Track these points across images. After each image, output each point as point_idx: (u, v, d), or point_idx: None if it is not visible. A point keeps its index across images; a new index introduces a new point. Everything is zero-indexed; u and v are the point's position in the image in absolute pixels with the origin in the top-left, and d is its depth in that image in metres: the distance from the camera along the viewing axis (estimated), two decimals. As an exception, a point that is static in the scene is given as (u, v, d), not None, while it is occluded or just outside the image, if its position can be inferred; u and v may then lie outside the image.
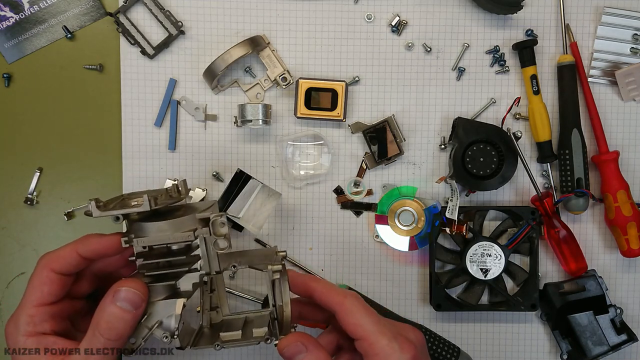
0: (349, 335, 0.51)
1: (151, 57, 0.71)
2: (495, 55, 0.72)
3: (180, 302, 0.51)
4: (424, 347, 0.54)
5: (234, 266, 0.55)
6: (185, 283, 0.55)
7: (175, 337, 0.51)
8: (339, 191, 0.73)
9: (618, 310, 0.72)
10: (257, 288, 0.73)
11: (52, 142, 0.72)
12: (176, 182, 0.60)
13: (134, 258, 0.53)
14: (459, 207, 0.69)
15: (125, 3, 0.70)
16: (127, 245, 0.52)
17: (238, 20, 0.71)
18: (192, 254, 0.56)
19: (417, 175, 0.73)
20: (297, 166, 0.72)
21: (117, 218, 0.52)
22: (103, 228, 0.66)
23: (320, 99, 0.70)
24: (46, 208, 0.72)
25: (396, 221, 0.72)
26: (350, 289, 0.72)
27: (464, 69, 0.72)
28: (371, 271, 0.74)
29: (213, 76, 0.68)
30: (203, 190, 0.71)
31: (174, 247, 0.54)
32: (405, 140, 0.72)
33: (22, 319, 0.51)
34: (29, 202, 0.72)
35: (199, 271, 0.56)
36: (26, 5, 0.70)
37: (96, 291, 0.58)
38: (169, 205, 0.55)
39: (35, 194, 0.72)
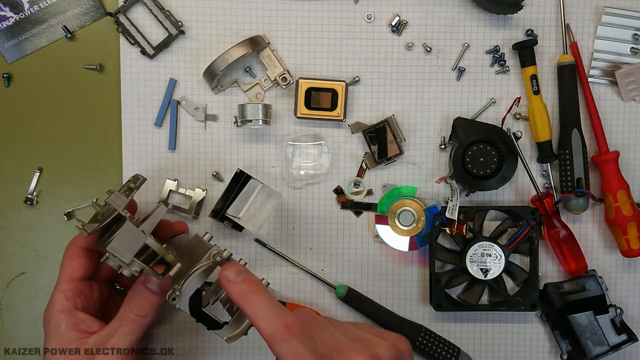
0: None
1: (151, 57, 0.71)
2: (495, 55, 0.72)
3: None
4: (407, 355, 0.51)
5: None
6: None
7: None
8: (339, 191, 0.73)
9: (618, 310, 0.72)
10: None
11: (52, 142, 0.72)
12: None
13: None
14: (459, 207, 0.69)
15: (125, 3, 0.70)
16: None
17: (238, 20, 0.71)
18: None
19: (417, 175, 0.73)
20: (297, 166, 0.72)
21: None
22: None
23: (320, 99, 0.70)
24: (46, 208, 0.72)
25: (396, 221, 0.72)
26: (350, 289, 0.72)
27: (464, 69, 0.72)
28: (371, 271, 0.74)
29: (213, 76, 0.68)
30: (203, 190, 0.71)
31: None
32: (405, 140, 0.72)
33: (56, 296, 0.59)
34: (29, 202, 0.72)
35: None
36: (26, 5, 0.70)
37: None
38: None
39: (35, 194, 0.72)
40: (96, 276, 0.64)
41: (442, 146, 0.73)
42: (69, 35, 0.70)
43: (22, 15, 0.70)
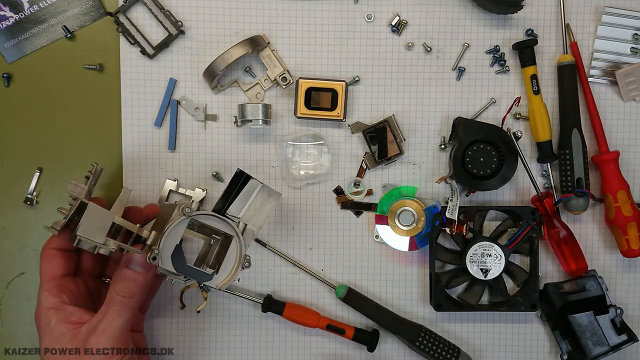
0: None
1: (151, 56, 0.71)
2: (495, 55, 0.72)
3: None
4: None
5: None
6: None
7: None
8: (339, 191, 0.73)
9: (618, 311, 0.72)
10: (257, 288, 0.73)
11: (52, 142, 0.72)
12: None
13: None
14: (459, 207, 0.69)
15: (125, 3, 0.70)
16: None
17: (238, 20, 0.71)
18: None
19: (417, 175, 0.73)
20: (297, 166, 0.72)
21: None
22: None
23: (320, 99, 0.70)
24: (46, 208, 0.72)
25: (396, 221, 0.72)
26: (350, 289, 0.72)
27: (464, 69, 0.72)
28: (371, 271, 0.74)
29: (213, 76, 0.68)
30: (203, 190, 0.71)
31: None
32: (405, 140, 0.72)
33: (42, 295, 0.59)
34: (29, 202, 0.72)
35: None
36: (26, 5, 0.70)
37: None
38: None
39: (35, 194, 0.72)
40: (79, 272, 0.64)
41: (442, 146, 0.73)
42: (69, 35, 0.70)
43: (22, 15, 0.70)
